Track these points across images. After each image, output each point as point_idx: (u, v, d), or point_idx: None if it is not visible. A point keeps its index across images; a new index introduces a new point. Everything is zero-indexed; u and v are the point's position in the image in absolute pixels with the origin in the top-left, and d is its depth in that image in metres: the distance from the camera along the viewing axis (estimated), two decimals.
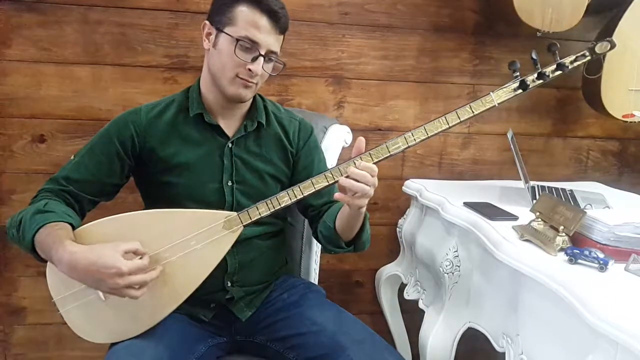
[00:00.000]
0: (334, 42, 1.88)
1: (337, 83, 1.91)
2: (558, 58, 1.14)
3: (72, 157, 1.28)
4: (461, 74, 1.98)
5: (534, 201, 1.34)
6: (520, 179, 1.61)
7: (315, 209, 1.37)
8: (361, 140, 1.13)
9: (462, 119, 1.13)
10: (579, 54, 1.14)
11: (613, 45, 1.14)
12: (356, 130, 1.80)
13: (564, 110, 2.07)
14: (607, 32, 1.83)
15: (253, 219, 1.16)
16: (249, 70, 1.20)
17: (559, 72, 1.14)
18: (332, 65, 1.89)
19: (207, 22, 1.25)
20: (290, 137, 1.36)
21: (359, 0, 1.87)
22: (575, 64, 1.14)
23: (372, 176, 1.10)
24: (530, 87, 1.13)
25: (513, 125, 1.93)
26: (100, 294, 1.11)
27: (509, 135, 1.68)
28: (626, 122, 1.87)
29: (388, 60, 1.92)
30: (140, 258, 1.09)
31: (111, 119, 1.31)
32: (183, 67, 1.79)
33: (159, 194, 1.29)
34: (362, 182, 1.09)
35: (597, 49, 1.14)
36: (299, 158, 1.37)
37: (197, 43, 1.77)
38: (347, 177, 1.10)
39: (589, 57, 1.14)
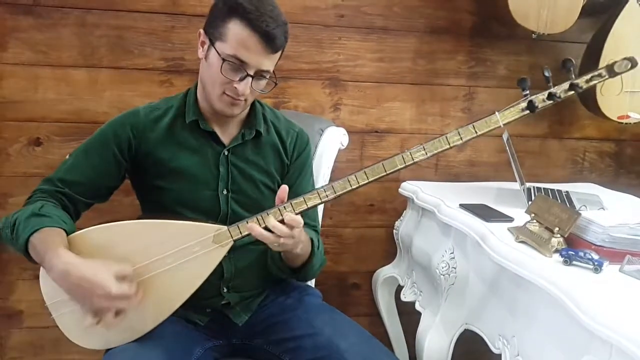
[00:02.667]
0: (330, 45, 1.88)
1: (333, 85, 1.91)
2: (573, 76, 1.05)
3: (67, 157, 1.27)
4: (457, 75, 1.98)
5: (530, 202, 1.34)
6: (516, 181, 1.62)
7: None
8: (283, 188, 1.11)
9: (464, 140, 1.08)
10: (594, 74, 1.05)
11: (634, 64, 1.04)
12: (352, 133, 1.80)
13: (560, 111, 2.07)
14: (601, 34, 1.83)
15: (243, 234, 1.14)
16: (236, 88, 1.17)
17: (571, 93, 1.05)
18: (328, 67, 1.89)
19: (202, 30, 1.22)
20: (287, 147, 1.35)
21: (355, 2, 1.87)
22: (591, 83, 1.06)
23: (291, 229, 1.08)
24: (539, 108, 1.06)
25: (509, 127, 1.93)
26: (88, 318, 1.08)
27: (505, 137, 1.68)
28: (621, 123, 1.88)
29: (384, 63, 1.93)
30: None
31: (107, 121, 1.30)
32: (179, 69, 1.79)
33: (153, 198, 1.29)
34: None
35: (617, 69, 1.05)
36: (289, 171, 1.36)
37: (194, 46, 1.74)
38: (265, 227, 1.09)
39: (606, 77, 1.06)
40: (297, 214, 1.11)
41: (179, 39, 1.77)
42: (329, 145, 1.60)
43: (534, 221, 1.24)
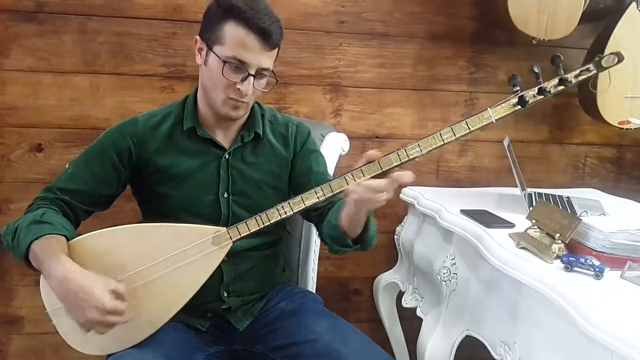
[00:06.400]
0: (331, 51, 1.89)
1: (334, 91, 1.91)
2: (562, 72, 1.07)
3: (67, 166, 1.27)
4: (458, 81, 1.99)
5: (531, 208, 1.34)
6: (517, 186, 1.62)
7: (319, 211, 1.32)
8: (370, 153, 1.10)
9: (457, 136, 1.08)
10: (583, 68, 1.06)
11: (621, 59, 1.06)
12: (353, 138, 1.81)
13: (561, 117, 2.07)
14: (602, 39, 1.84)
15: (242, 235, 1.15)
16: (239, 89, 1.18)
17: (561, 88, 1.07)
18: (329, 73, 1.90)
19: (198, 37, 1.23)
20: (289, 140, 1.35)
21: (356, 8, 1.88)
22: (580, 78, 1.07)
23: (378, 192, 1.07)
24: (530, 103, 1.07)
25: (509, 132, 1.93)
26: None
27: (506, 142, 1.68)
28: (622, 128, 1.88)
29: (385, 68, 1.93)
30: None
31: (108, 127, 1.30)
32: (180, 75, 1.79)
33: (155, 204, 1.29)
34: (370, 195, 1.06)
35: (604, 63, 1.07)
36: (296, 162, 1.35)
37: (195, 52, 1.77)
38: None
39: (594, 72, 1.07)
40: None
41: (180, 45, 1.78)
42: (330, 150, 1.60)
43: (535, 227, 1.24)
